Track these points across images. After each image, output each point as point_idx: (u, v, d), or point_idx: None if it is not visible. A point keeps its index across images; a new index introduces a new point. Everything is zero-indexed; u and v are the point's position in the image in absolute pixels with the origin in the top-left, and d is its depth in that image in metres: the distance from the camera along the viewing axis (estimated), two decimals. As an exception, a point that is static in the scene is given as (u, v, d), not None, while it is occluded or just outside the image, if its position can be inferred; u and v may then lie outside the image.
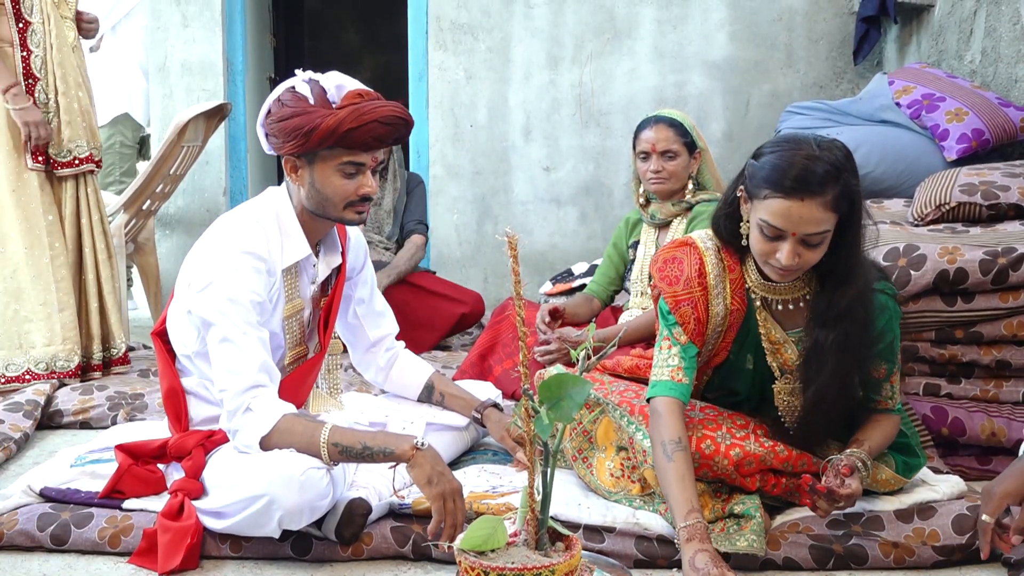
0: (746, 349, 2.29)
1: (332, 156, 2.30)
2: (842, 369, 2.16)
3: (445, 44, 5.52)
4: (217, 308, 2.24)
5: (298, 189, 2.36)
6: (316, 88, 2.30)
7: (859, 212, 2.13)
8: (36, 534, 2.27)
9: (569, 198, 5.54)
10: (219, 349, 2.23)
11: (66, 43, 3.73)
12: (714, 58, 5.41)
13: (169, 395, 2.41)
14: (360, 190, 2.33)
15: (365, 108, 2.26)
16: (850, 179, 2.09)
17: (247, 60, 5.80)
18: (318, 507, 2.14)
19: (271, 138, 2.35)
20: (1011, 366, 2.73)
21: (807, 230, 2.06)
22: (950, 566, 2.16)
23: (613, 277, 3.46)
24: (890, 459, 2.32)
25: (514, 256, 1.70)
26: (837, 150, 2.11)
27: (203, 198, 5.70)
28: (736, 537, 2.11)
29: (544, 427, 1.69)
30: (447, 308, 4.28)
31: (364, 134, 2.26)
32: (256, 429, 2.18)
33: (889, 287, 2.28)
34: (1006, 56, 3.87)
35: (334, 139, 2.25)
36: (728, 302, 2.25)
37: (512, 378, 3.27)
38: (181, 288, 2.39)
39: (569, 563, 1.71)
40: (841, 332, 2.14)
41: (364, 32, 9.60)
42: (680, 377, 2.22)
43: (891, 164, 3.75)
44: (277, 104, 2.33)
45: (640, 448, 2.27)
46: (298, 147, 2.28)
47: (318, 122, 2.24)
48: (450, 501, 2.09)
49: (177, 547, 2.15)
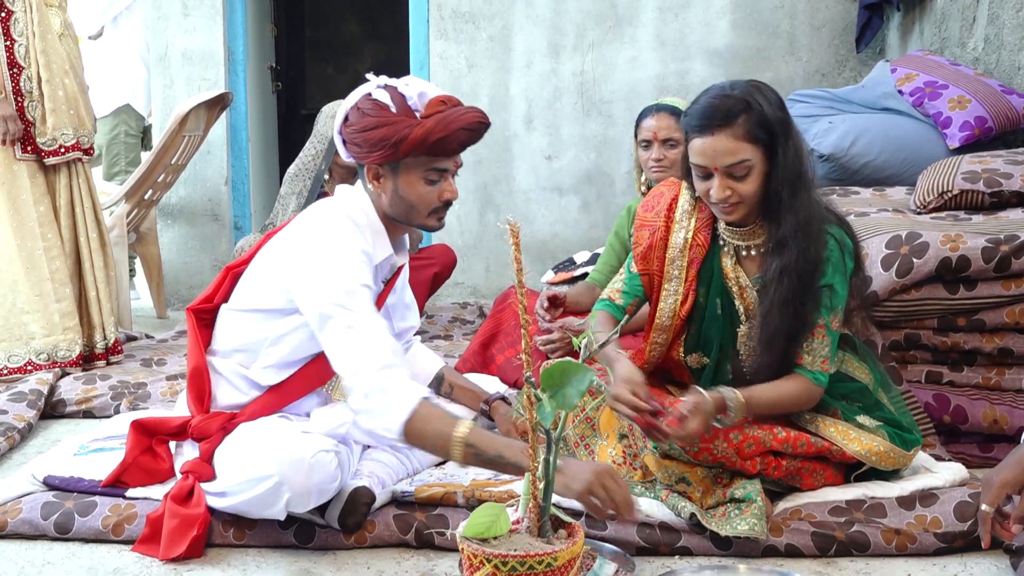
0: (713, 293, 2.37)
1: (416, 164, 2.28)
2: (785, 296, 2.21)
3: (446, 33, 5.51)
4: (335, 301, 2.17)
5: (379, 196, 2.34)
6: (396, 95, 2.26)
7: (787, 144, 2.20)
8: (40, 523, 2.28)
9: (571, 187, 5.53)
10: (344, 337, 2.15)
11: (50, 31, 3.72)
12: (716, 46, 5.40)
13: (194, 374, 2.39)
14: (443, 195, 2.33)
15: (451, 116, 2.24)
16: (764, 109, 2.18)
17: (248, 49, 5.79)
18: (326, 490, 2.14)
19: (351, 146, 2.31)
20: (1013, 354, 2.73)
21: (725, 162, 2.18)
22: (952, 553, 2.17)
23: (615, 266, 3.45)
24: (882, 431, 2.32)
25: (516, 244, 1.70)
26: (751, 87, 2.22)
27: (205, 188, 5.70)
28: (737, 521, 2.12)
29: (546, 415, 1.69)
30: (418, 275, 4.24)
31: (451, 142, 2.25)
32: (397, 412, 2.06)
33: (840, 232, 2.29)
34: (1009, 43, 3.86)
35: (422, 149, 2.23)
36: (689, 235, 2.38)
37: (514, 367, 3.27)
38: (258, 283, 2.36)
39: (571, 550, 1.72)
40: (785, 259, 2.21)
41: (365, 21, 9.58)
42: (617, 298, 2.50)
43: (893, 152, 3.74)
44: (357, 113, 2.29)
45: (640, 434, 2.27)
46: (385, 157, 2.25)
47: (406, 132, 2.22)
48: (598, 490, 1.91)
49: (182, 535, 2.16)
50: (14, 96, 3.67)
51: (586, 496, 1.91)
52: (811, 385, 2.28)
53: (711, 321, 2.38)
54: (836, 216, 2.33)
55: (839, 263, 2.26)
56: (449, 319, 4.86)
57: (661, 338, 2.44)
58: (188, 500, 2.21)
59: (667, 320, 2.42)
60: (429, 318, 4.75)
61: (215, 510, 2.23)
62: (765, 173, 2.21)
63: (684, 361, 2.45)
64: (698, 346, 2.43)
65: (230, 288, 2.46)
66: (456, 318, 4.89)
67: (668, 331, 2.43)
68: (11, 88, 3.66)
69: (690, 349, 2.44)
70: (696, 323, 2.42)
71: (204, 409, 2.37)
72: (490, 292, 5.49)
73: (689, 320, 2.41)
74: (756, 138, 2.18)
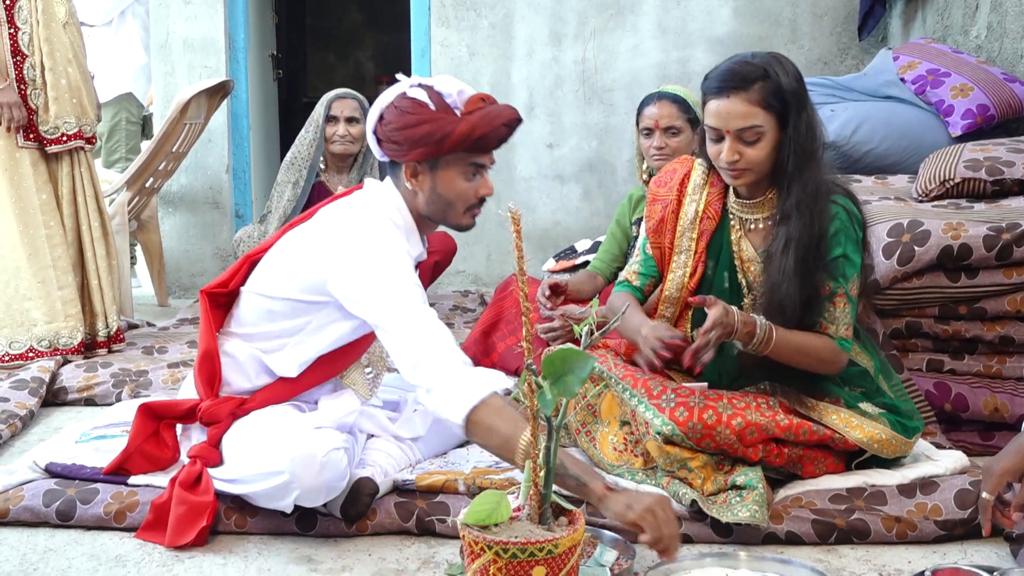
0: (721, 267, 2.42)
1: (456, 160, 2.29)
2: (789, 268, 2.23)
3: (447, 20, 5.49)
4: (397, 303, 2.17)
5: (415, 194, 2.34)
6: (433, 94, 2.27)
7: (799, 116, 2.25)
8: (42, 509, 2.28)
9: (572, 175, 5.52)
10: (404, 333, 2.15)
11: (55, 19, 3.72)
12: (718, 34, 5.39)
13: (205, 357, 2.39)
14: (480, 191, 2.35)
15: (493, 112, 2.28)
16: (781, 79, 2.25)
17: (249, 37, 5.78)
18: (335, 487, 2.15)
19: (390, 144, 2.31)
20: (1014, 342, 2.73)
21: (736, 125, 2.23)
22: (952, 540, 2.17)
23: (616, 254, 3.45)
24: (883, 419, 2.32)
25: (517, 232, 1.70)
26: (772, 57, 2.30)
27: (206, 176, 5.69)
28: (738, 508, 2.12)
29: (547, 402, 1.69)
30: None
31: (492, 138, 2.28)
32: (466, 397, 2.03)
33: (847, 202, 2.30)
34: (1012, 31, 3.85)
35: (465, 145, 2.25)
36: (700, 208, 2.43)
37: (515, 354, 3.28)
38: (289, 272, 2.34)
39: (572, 537, 1.72)
40: (790, 230, 2.24)
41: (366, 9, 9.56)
42: (634, 279, 2.58)
43: (895, 140, 3.73)
44: (395, 111, 2.29)
45: (642, 420, 2.28)
46: (427, 154, 2.27)
47: (450, 129, 2.23)
48: (653, 519, 1.89)
49: (191, 524, 2.16)
50: (17, 84, 3.67)
51: (641, 521, 1.88)
52: (836, 347, 2.29)
53: (719, 295, 2.38)
54: (843, 189, 2.34)
55: (849, 230, 2.28)
56: (450, 307, 4.86)
57: (669, 311, 2.47)
58: (196, 486, 2.21)
59: (675, 292, 2.45)
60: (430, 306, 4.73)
61: (219, 493, 2.23)
62: (776, 142, 2.25)
63: (692, 337, 2.45)
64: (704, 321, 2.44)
65: (247, 274, 2.46)
66: (457, 306, 4.89)
67: (676, 304, 2.46)
68: (14, 76, 3.66)
69: (697, 324, 2.44)
70: None
71: (214, 393, 2.38)
72: (491, 280, 5.49)
73: (696, 294, 2.42)
74: (770, 105, 2.23)
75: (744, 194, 2.37)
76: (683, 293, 2.44)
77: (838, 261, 2.26)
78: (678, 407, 2.21)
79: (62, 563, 2.10)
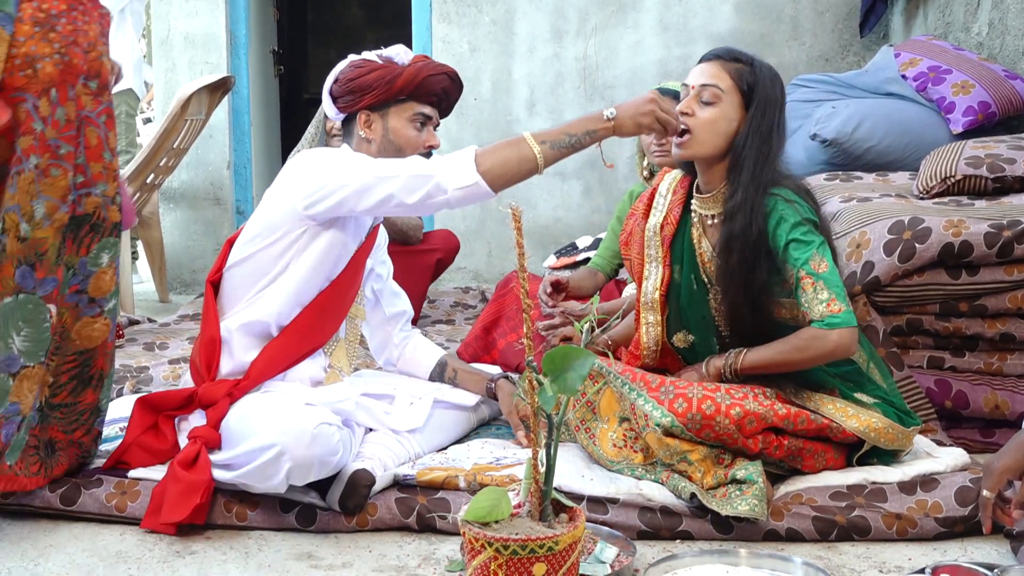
0: (686, 269, 2.46)
1: (405, 108, 2.52)
2: (733, 268, 2.28)
3: (449, 16, 5.49)
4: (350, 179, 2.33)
5: (369, 143, 2.54)
6: (380, 56, 2.56)
7: (764, 115, 2.30)
8: (47, 495, 2.28)
9: (573, 171, 5.52)
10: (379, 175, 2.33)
11: None
12: (719, 31, 5.38)
13: (207, 344, 2.43)
14: (428, 142, 2.55)
15: (434, 63, 2.55)
16: (762, 77, 2.32)
17: (250, 33, 5.78)
18: (327, 463, 2.15)
19: (345, 98, 2.52)
20: (1015, 339, 2.73)
21: (701, 80, 2.34)
22: (952, 538, 2.17)
23: (617, 251, 3.45)
24: (876, 410, 2.33)
25: (518, 229, 1.70)
26: (766, 64, 2.37)
27: (207, 172, 5.70)
28: (738, 502, 2.12)
29: (548, 399, 1.70)
30: (420, 260, 4.24)
31: (436, 83, 2.52)
32: (462, 159, 2.33)
33: (785, 191, 2.30)
34: (1013, 28, 3.84)
35: (413, 86, 2.49)
36: (662, 216, 2.52)
37: (516, 351, 3.28)
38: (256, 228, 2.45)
39: (573, 534, 1.72)
40: (733, 229, 2.29)
41: (367, 5, 9.55)
42: None
43: (897, 137, 3.73)
44: (349, 68, 2.54)
45: (641, 412, 2.27)
46: (379, 96, 2.49)
47: (399, 71, 2.49)
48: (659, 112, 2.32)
49: (185, 501, 2.16)
50: None
51: (648, 120, 2.30)
52: (816, 332, 2.24)
53: (688, 297, 2.43)
54: (794, 183, 2.35)
55: (788, 216, 2.26)
56: (451, 304, 4.86)
57: (652, 317, 2.51)
58: (193, 466, 2.22)
59: (651, 298, 2.50)
60: (431, 303, 4.76)
61: (219, 483, 2.24)
62: (734, 126, 2.33)
63: (672, 344, 2.47)
64: (680, 324, 2.49)
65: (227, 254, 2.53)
66: (458, 303, 4.89)
67: (655, 310, 2.50)
68: None
69: (673, 329, 2.50)
70: (674, 300, 2.49)
71: (211, 377, 2.40)
72: (492, 277, 5.50)
73: (668, 299, 2.49)
74: (740, 84, 2.32)
75: (702, 187, 2.42)
76: (658, 297, 2.50)
77: (788, 249, 2.26)
78: (677, 398, 2.22)
79: (63, 559, 2.11)
